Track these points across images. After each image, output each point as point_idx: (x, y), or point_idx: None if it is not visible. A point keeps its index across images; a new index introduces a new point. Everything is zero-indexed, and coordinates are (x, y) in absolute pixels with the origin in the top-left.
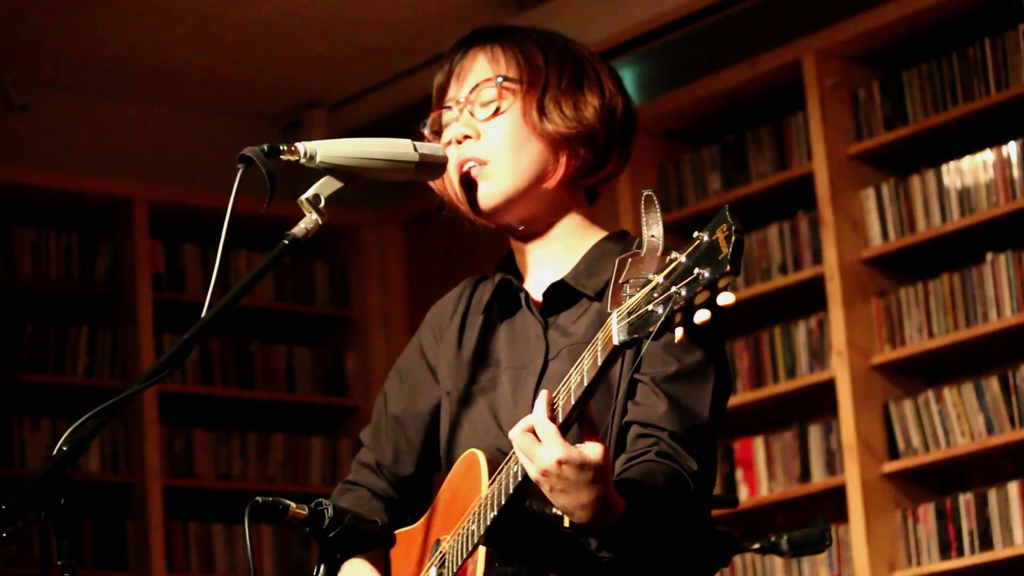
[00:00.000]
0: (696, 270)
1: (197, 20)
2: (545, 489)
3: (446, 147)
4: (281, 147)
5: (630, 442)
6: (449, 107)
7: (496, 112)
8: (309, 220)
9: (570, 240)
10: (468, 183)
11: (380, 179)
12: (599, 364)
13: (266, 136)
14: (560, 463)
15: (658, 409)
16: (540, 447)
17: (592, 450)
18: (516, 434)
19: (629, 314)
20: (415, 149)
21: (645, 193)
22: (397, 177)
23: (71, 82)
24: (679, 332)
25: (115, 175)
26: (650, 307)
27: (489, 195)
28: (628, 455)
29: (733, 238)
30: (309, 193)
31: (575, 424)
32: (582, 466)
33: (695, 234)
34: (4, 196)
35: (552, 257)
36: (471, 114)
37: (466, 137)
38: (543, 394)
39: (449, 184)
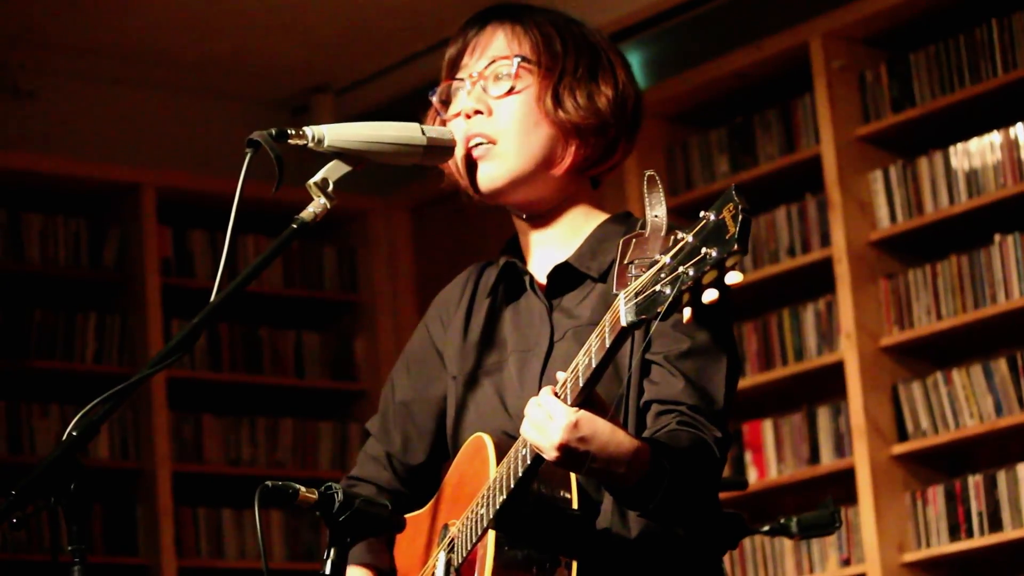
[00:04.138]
0: (703, 250)
1: (205, 5)
2: (569, 464)
3: (455, 118)
4: (289, 131)
5: (651, 420)
6: (461, 79)
7: (510, 91)
8: (317, 204)
9: (574, 222)
10: (472, 161)
11: (388, 163)
12: (607, 346)
13: (274, 121)
14: (568, 428)
15: (676, 386)
16: (548, 426)
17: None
18: (525, 429)
19: (636, 295)
20: (423, 133)
21: (647, 173)
22: (405, 161)
23: (78, 68)
24: (687, 312)
25: (123, 161)
26: (657, 287)
27: (494, 176)
28: (650, 431)
29: (740, 217)
30: (317, 177)
31: (583, 406)
32: (577, 424)
33: (702, 214)
34: (12, 182)
35: (556, 239)
36: (484, 89)
37: (476, 112)
38: (546, 389)
39: (453, 159)
